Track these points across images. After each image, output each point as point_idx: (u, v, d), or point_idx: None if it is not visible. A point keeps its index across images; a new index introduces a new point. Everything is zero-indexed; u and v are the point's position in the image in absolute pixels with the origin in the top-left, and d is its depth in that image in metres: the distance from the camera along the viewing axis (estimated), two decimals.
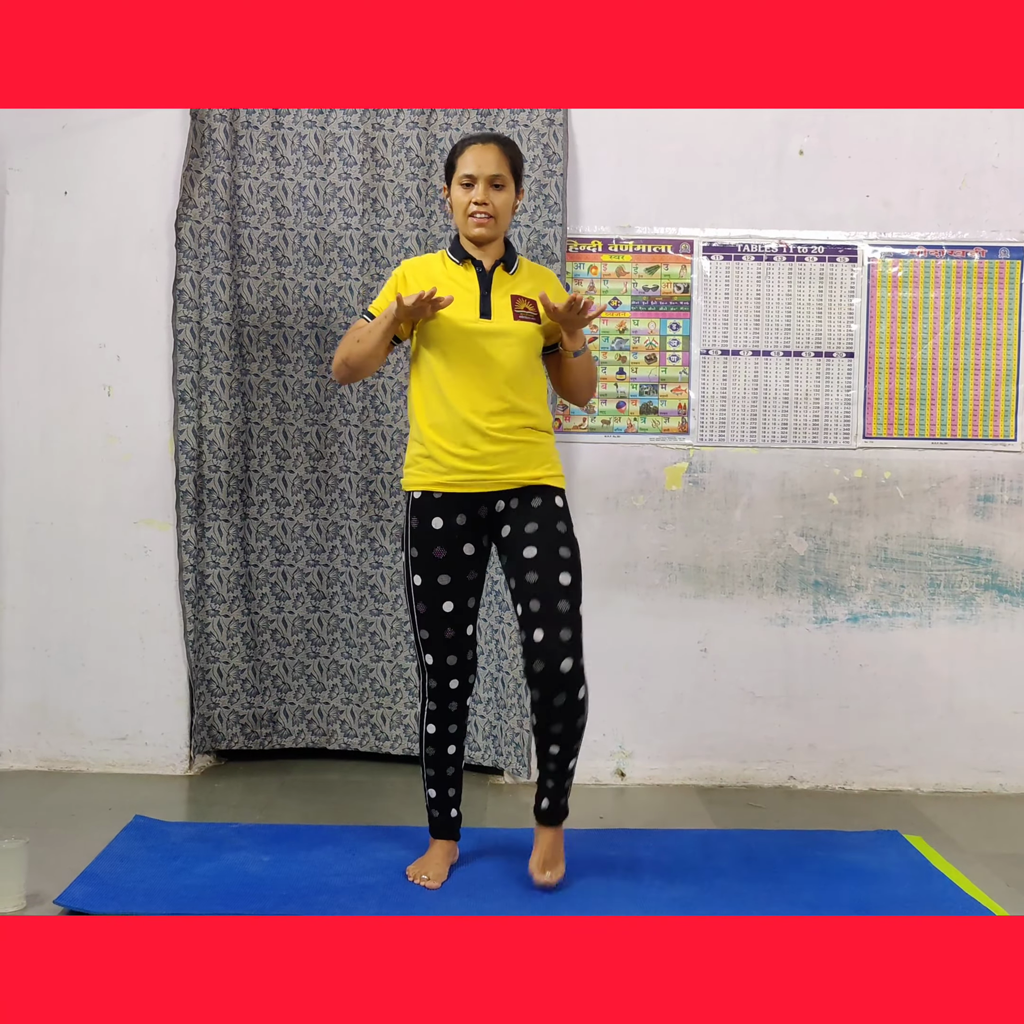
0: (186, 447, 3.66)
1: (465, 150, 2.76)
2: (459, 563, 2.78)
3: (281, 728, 3.80)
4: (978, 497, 3.70)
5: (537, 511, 2.76)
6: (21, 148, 3.65)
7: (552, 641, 2.66)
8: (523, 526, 2.75)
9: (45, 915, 2.58)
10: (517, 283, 2.82)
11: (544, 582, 2.69)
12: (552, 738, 2.73)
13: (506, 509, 2.79)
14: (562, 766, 2.77)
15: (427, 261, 2.87)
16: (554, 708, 2.69)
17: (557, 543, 2.74)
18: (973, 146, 3.66)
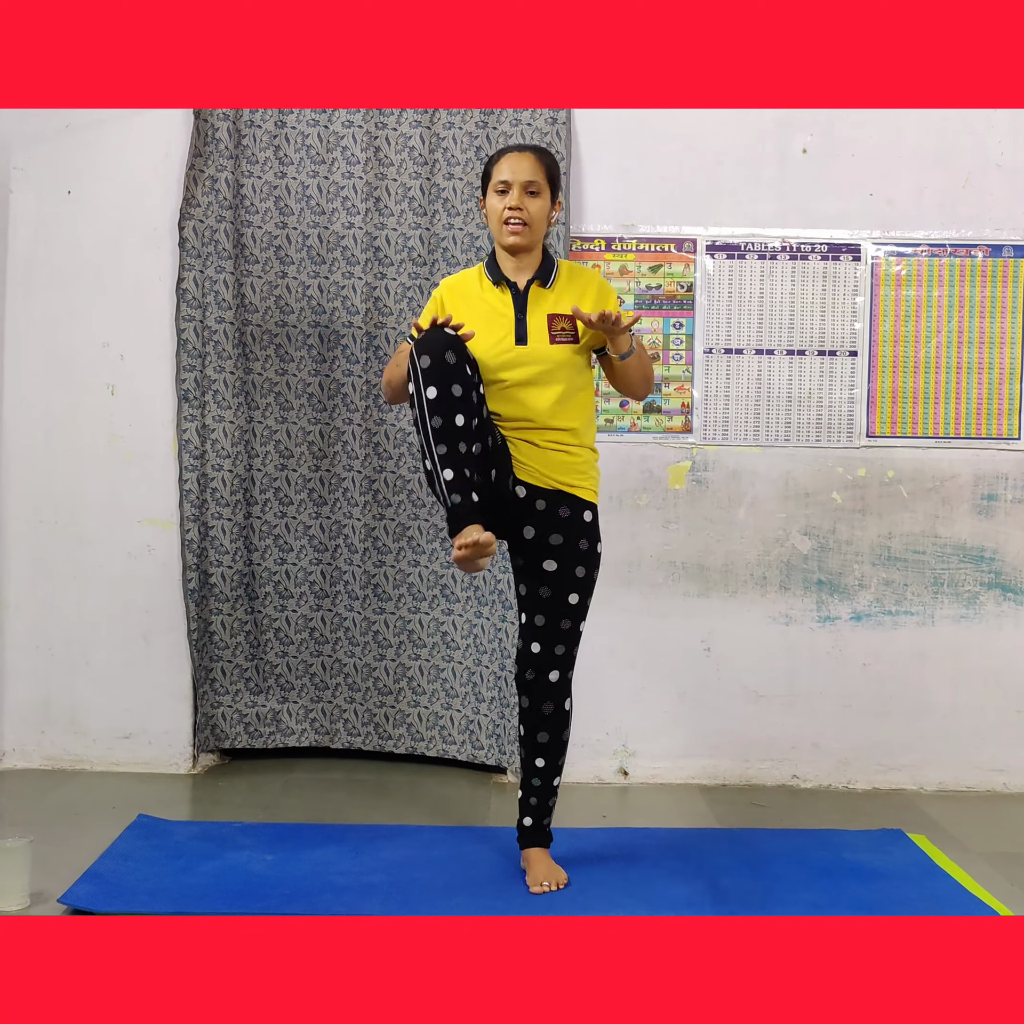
0: (189, 446, 3.66)
1: (501, 158, 2.74)
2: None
3: (284, 727, 3.80)
4: (982, 496, 3.70)
5: (563, 522, 2.76)
6: (25, 147, 3.66)
7: (546, 655, 2.75)
8: (547, 536, 2.75)
9: (49, 914, 2.59)
10: (556, 299, 2.77)
11: (554, 599, 2.75)
12: (539, 749, 2.80)
13: (529, 504, 2.75)
14: (547, 781, 2.83)
15: (465, 280, 2.83)
16: (542, 716, 2.78)
17: (575, 561, 2.76)
18: (977, 144, 3.66)
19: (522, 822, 2.86)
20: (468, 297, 2.78)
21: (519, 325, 2.73)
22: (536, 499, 2.76)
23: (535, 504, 2.76)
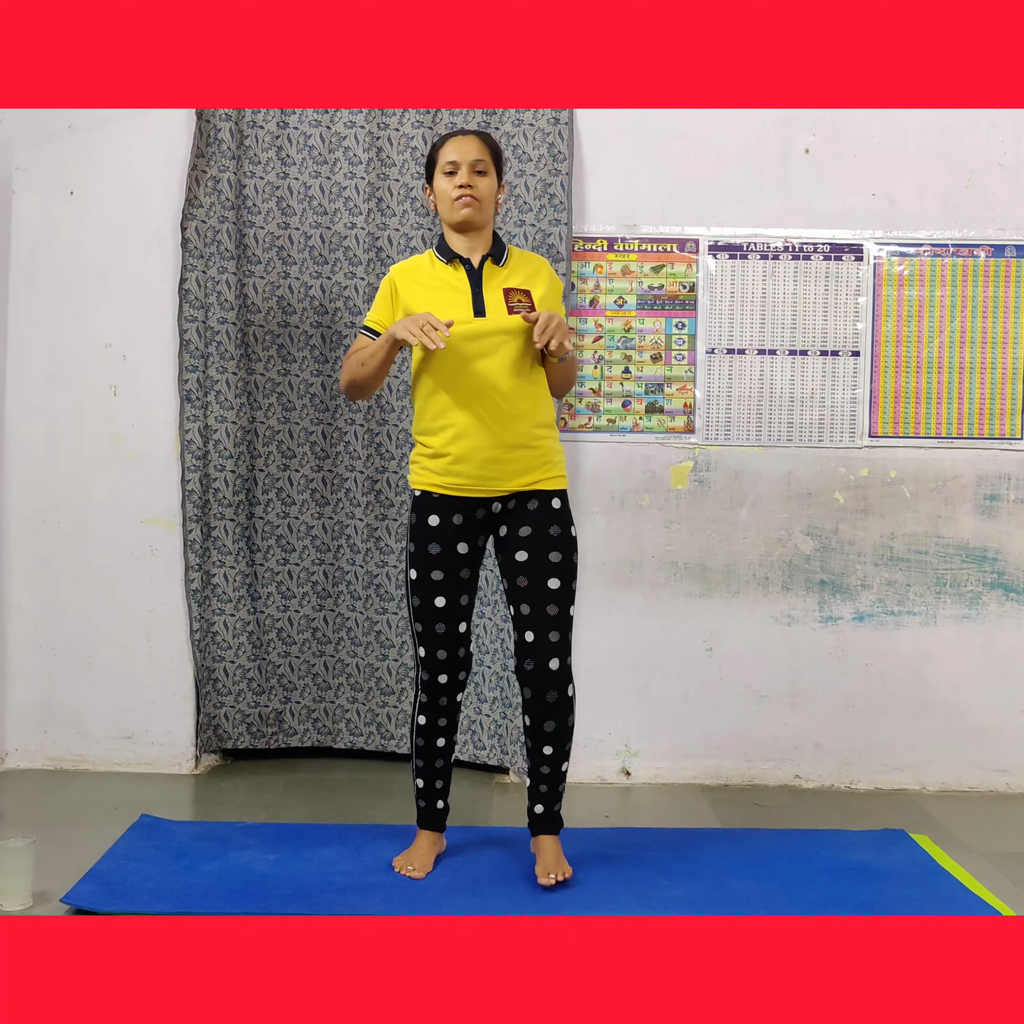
0: (192, 446, 3.66)
1: (446, 143, 2.80)
2: (452, 560, 2.81)
3: (287, 727, 3.80)
4: (984, 496, 3.70)
5: (532, 514, 2.81)
6: (27, 148, 3.66)
7: (542, 642, 2.77)
8: (517, 529, 2.81)
9: (52, 913, 2.59)
10: (509, 275, 2.82)
11: (534, 586, 2.78)
12: (545, 737, 2.81)
13: (503, 510, 2.84)
14: (555, 768, 2.85)
15: (415, 264, 2.86)
16: (546, 704, 2.79)
17: (548, 547, 2.79)
18: (979, 144, 3.66)
19: (533, 809, 2.88)
20: (420, 279, 2.81)
21: (476, 299, 2.76)
22: (507, 502, 2.83)
23: (506, 505, 2.83)
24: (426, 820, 2.94)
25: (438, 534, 2.80)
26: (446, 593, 2.82)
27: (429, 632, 2.83)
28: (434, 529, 2.80)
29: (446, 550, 2.81)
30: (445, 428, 2.78)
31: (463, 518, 2.81)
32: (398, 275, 2.84)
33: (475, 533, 2.84)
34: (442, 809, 2.94)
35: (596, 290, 3.68)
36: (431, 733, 2.88)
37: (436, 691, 2.85)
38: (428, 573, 2.81)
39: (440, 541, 2.80)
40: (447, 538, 2.81)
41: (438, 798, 2.93)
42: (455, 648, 2.85)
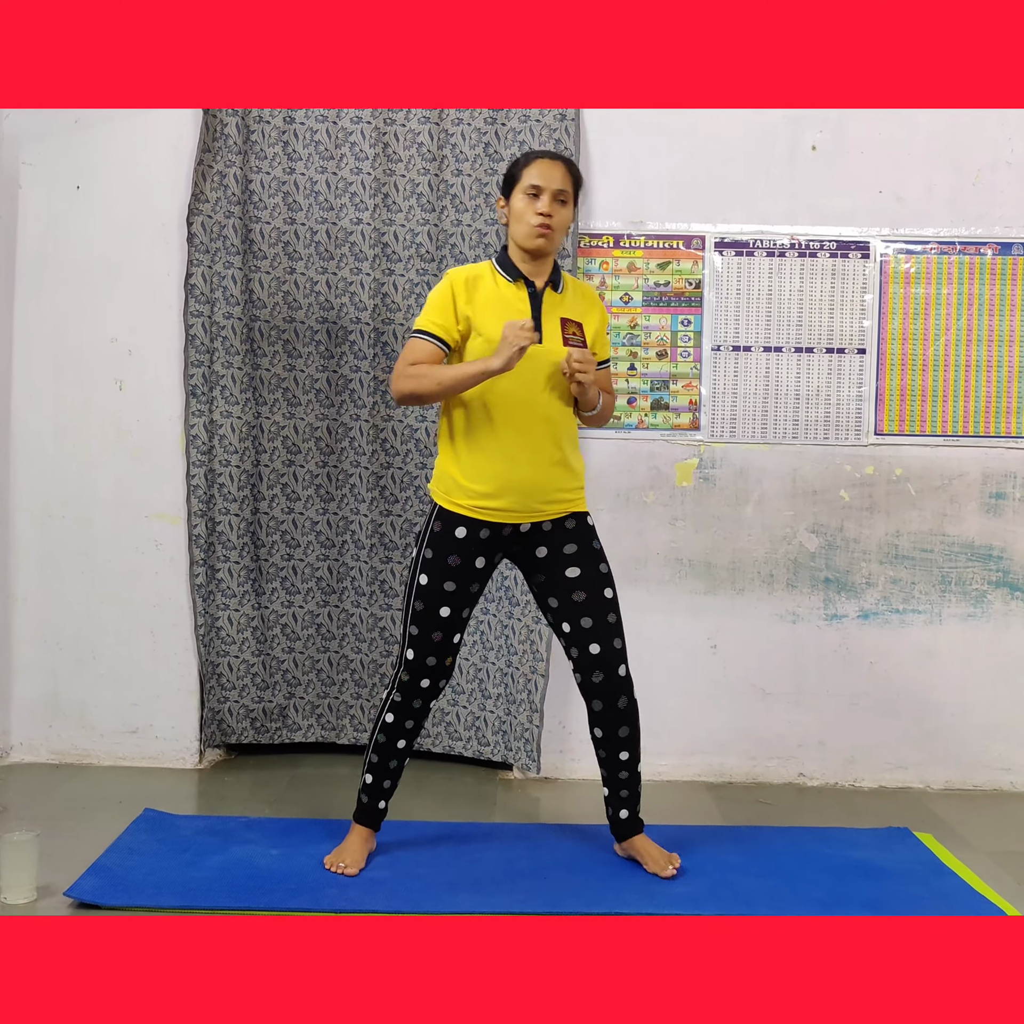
0: (197, 441, 3.66)
1: (531, 162, 2.78)
2: (468, 573, 2.80)
3: (291, 722, 3.81)
4: (990, 494, 3.69)
5: (573, 532, 2.84)
6: (34, 143, 3.66)
7: (608, 652, 2.81)
8: (561, 547, 2.83)
9: (55, 906, 2.60)
10: (566, 305, 2.83)
11: (593, 599, 2.81)
12: (620, 744, 2.86)
13: (533, 530, 2.83)
14: (633, 771, 2.90)
15: (477, 275, 2.81)
16: (619, 712, 2.85)
17: (596, 560, 2.85)
18: (987, 142, 3.65)
19: (618, 815, 2.92)
20: (483, 290, 2.79)
21: (536, 324, 2.74)
22: (541, 523, 2.83)
23: (541, 525, 2.83)
24: (364, 816, 2.92)
25: (462, 547, 2.78)
26: (453, 604, 2.80)
27: (425, 638, 2.81)
28: (459, 541, 2.78)
29: (465, 563, 2.79)
30: (489, 450, 2.76)
31: (490, 533, 2.80)
32: (459, 283, 2.78)
33: (496, 549, 2.83)
34: (383, 810, 2.93)
35: (602, 286, 3.67)
36: (395, 733, 2.87)
37: (413, 693, 2.84)
38: (441, 583, 2.79)
39: (462, 554, 2.78)
40: (469, 552, 2.79)
41: (382, 798, 2.92)
42: (444, 657, 2.84)
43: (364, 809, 2.93)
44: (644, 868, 2.87)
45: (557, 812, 3.42)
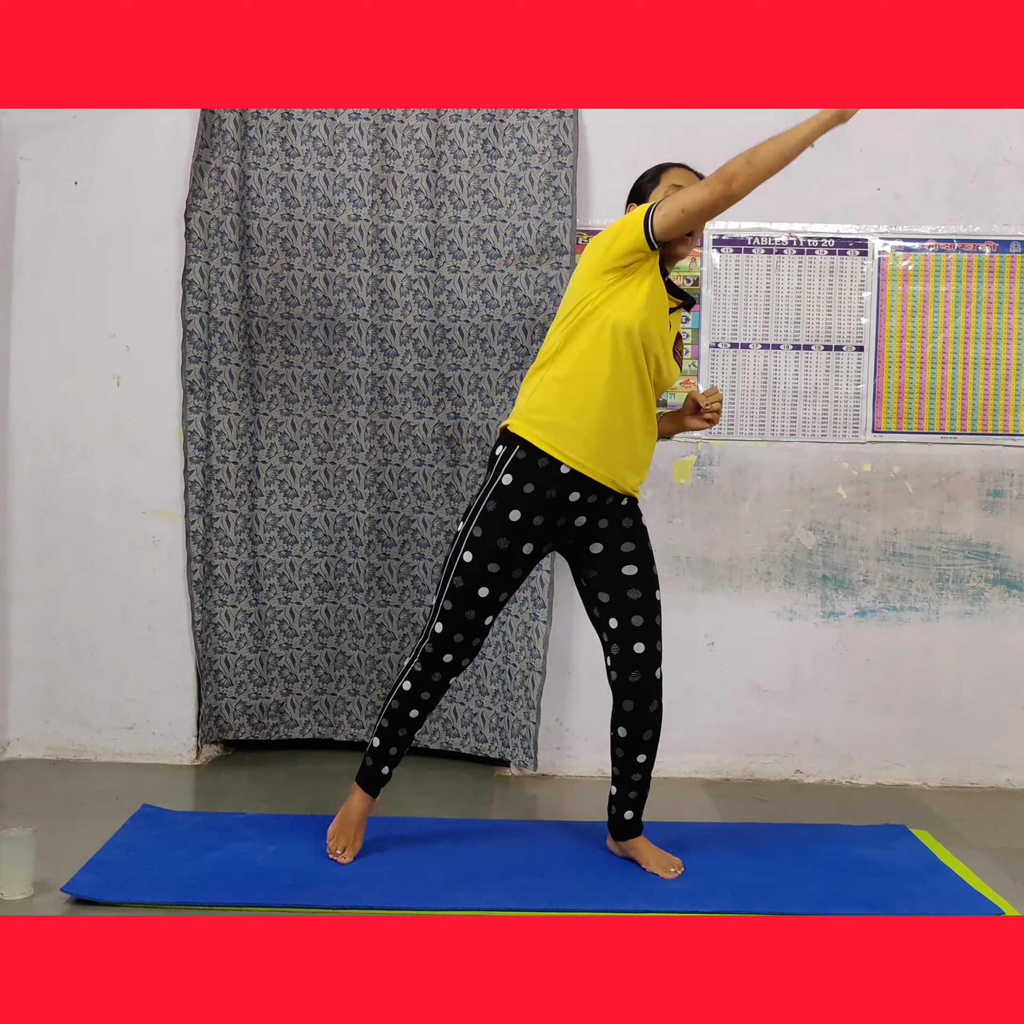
0: (195, 437, 3.66)
1: (671, 169, 2.89)
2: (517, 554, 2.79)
3: (288, 719, 3.81)
4: (987, 492, 3.69)
5: (630, 531, 2.87)
6: (31, 137, 3.66)
7: (650, 653, 2.84)
8: (619, 545, 2.84)
9: (52, 902, 2.59)
10: (676, 316, 2.91)
11: (646, 599, 2.84)
12: (642, 746, 2.87)
13: (590, 526, 2.83)
14: (646, 775, 2.91)
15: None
16: (648, 714, 2.85)
17: (651, 562, 2.89)
18: (985, 139, 3.65)
19: (622, 816, 2.91)
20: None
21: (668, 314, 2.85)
22: (597, 520, 2.83)
23: (596, 523, 2.84)
24: (365, 779, 2.92)
25: (542, 507, 2.75)
26: (492, 585, 2.77)
27: (457, 615, 2.78)
28: (546, 503, 2.74)
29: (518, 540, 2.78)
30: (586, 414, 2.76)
31: (544, 520, 2.76)
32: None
33: (550, 534, 2.81)
34: (385, 775, 2.92)
35: None
36: (408, 701, 2.86)
37: (434, 666, 2.83)
38: (486, 564, 2.75)
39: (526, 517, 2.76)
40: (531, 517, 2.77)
41: (385, 764, 2.91)
42: (472, 636, 2.82)
43: (367, 772, 2.92)
44: (643, 868, 2.87)
45: (554, 809, 3.43)
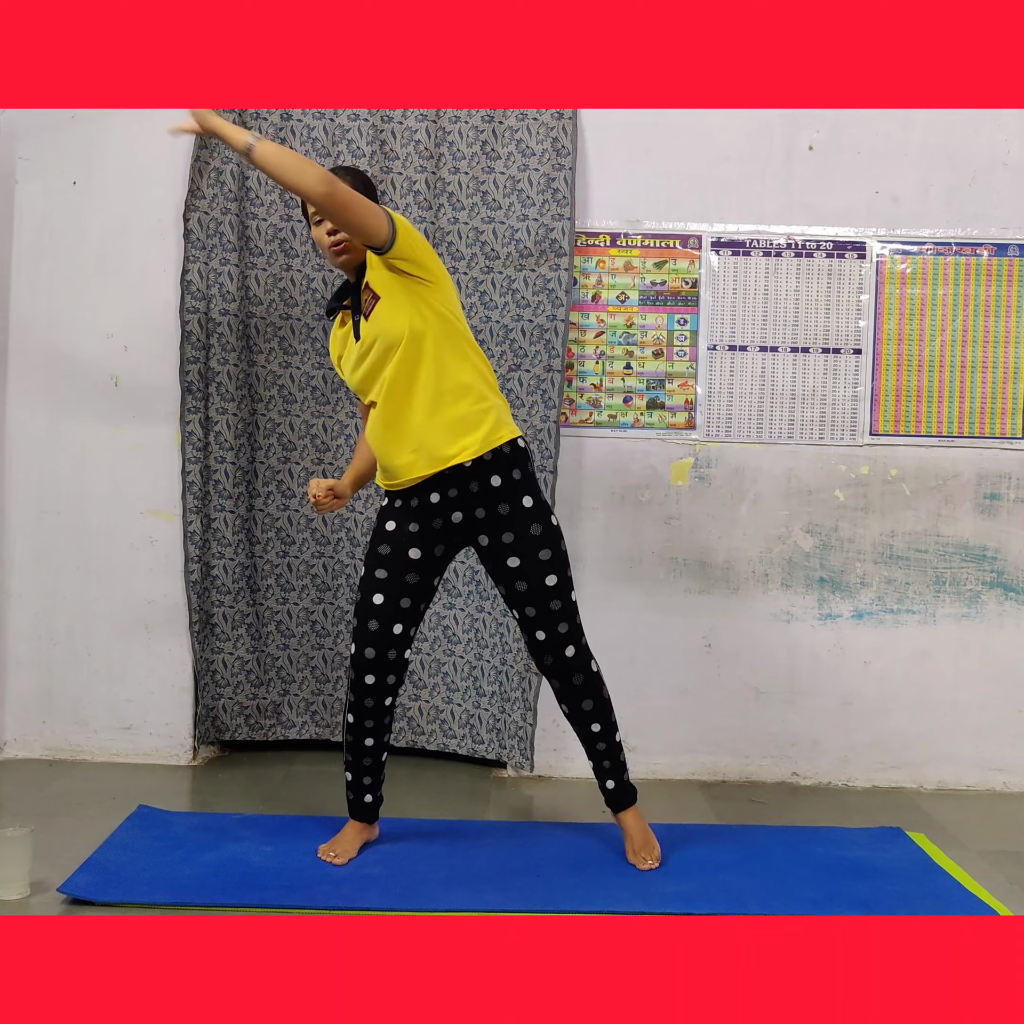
0: (192, 438, 3.66)
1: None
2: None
3: (285, 719, 3.81)
4: (984, 495, 3.70)
5: (507, 519, 2.78)
6: (30, 137, 3.66)
7: (554, 637, 2.82)
8: (500, 536, 2.79)
9: (48, 902, 2.59)
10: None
11: (534, 588, 2.80)
12: (588, 716, 2.88)
13: (469, 520, 2.80)
14: (609, 741, 2.91)
15: None
16: (575, 687, 2.86)
17: (537, 546, 2.79)
18: (984, 142, 3.65)
19: (605, 786, 2.93)
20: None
21: (355, 327, 2.78)
22: (474, 510, 2.78)
23: (474, 514, 2.78)
24: (353, 810, 2.95)
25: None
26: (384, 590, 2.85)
27: (361, 629, 2.85)
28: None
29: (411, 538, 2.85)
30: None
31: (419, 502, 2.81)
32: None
33: (435, 536, 2.84)
34: (371, 803, 2.94)
35: (598, 285, 3.67)
36: (358, 732, 2.87)
37: (362, 691, 2.84)
38: (373, 571, 2.86)
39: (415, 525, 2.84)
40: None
41: (366, 793, 2.93)
42: (385, 650, 2.83)
43: (352, 804, 2.95)
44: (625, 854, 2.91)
45: (551, 810, 3.43)
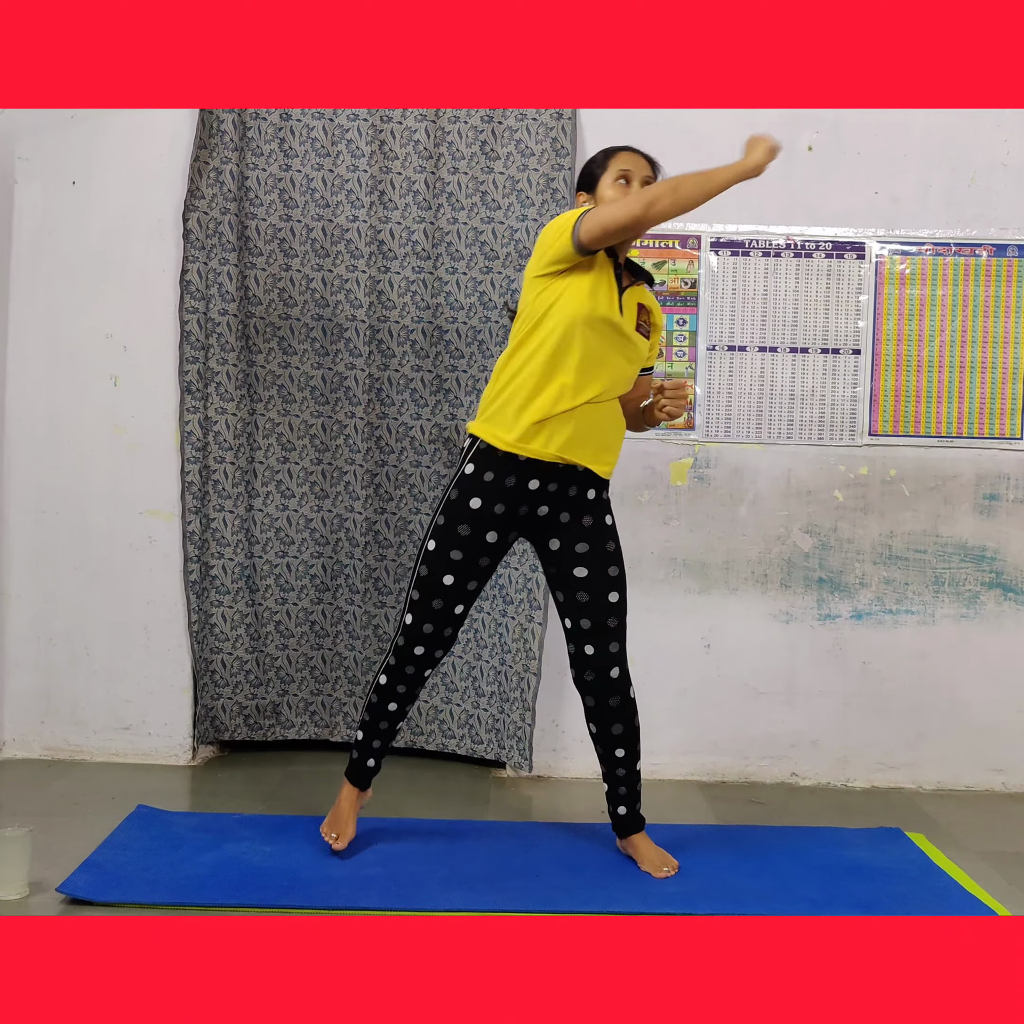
0: (192, 438, 3.66)
1: (618, 154, 2.84)
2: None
3: (284, 719, 3.81)
4: (983, 495, 3.70)
5: (588, 531, 2.81)
6: (30, 137, 3.66)
7: (603, 654, 2.82)
8: (574, 545, 2.81)
9: (47, 902, 2.59)
10: (635, 292, 2.86)
11: (595, 601, 2.81)
12: (615, 741, 2.87)
13: (552, 519, 2.81)
14: (630, 769, 2.91)
15: None
16: (611, 709, 2.86)
17: (608, 563, 2.82)
18: (983, 143, 3.65)
19: (616, 812, 2.93)
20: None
21: (619, 295, 2.78)
22: (559, 514, 2.80)
23: (559, 517, 2.81)
24: (353, 773, 2.96)
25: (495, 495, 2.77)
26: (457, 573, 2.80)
27: (425, 604, 2.80)
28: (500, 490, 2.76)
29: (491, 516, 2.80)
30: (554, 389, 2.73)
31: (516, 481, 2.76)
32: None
33: (512, 523, 2.81)
34: (371, 768, 2.96)
35: None
36: (386, 695, 2.89)
37: (406, 659, 2.85)
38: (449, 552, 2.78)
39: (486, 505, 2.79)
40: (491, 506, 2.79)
41: (370, 756, 2.94)
42: (443, 626, 2.83)
43: (353, 765, 2.96)
44: (639, 866, 2.88)
45: (550, 810, 3.43)
